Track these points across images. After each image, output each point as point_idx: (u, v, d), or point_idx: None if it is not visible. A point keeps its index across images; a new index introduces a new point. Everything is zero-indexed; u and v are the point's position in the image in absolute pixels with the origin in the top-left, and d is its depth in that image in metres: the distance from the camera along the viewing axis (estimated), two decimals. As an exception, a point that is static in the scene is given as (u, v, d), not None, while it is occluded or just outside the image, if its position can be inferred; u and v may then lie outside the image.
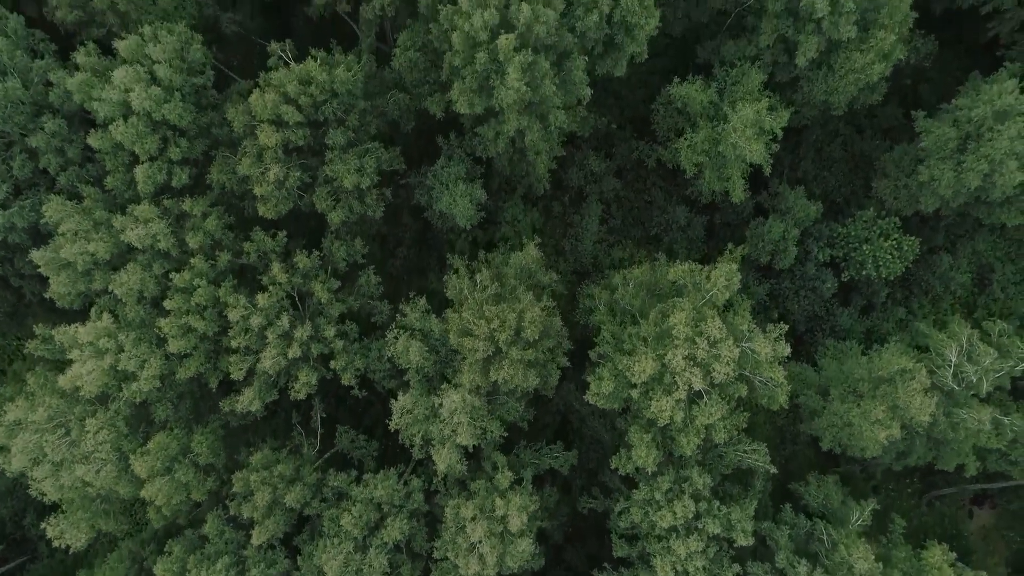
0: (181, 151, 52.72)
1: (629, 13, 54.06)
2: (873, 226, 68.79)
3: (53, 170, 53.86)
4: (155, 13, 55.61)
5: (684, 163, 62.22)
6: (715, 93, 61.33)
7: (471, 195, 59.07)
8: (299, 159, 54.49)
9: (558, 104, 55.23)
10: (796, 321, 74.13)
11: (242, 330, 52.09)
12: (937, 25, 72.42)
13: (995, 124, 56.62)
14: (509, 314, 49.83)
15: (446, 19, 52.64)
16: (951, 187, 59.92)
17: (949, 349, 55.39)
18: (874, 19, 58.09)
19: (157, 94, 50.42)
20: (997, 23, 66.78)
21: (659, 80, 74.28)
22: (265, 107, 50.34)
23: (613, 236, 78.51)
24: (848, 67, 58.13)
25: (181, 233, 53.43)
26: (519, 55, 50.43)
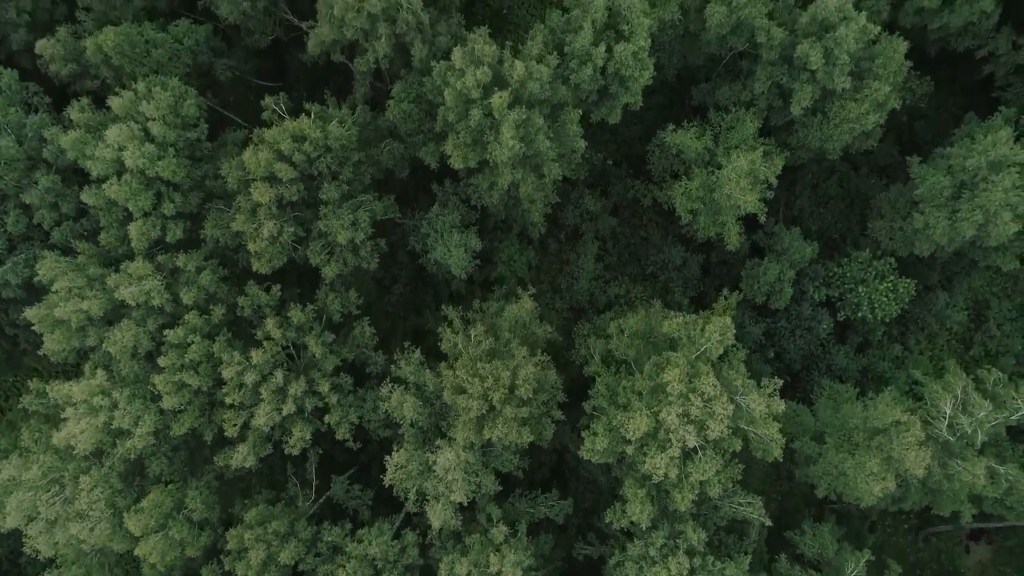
0: (175, 206, 52.73)
1: (623, 66, 54.06)
2: (869, 267, 68.75)
3: (47, 225, 53.89)
4: (149, 65, 55.58)
5: (679, 210, 62.18)
6: (710, 140, 61.27)
7: (466, 244, 59.05)
8: (293, 212, 54.49)
9: (552, 156, 55.24)
10: (792, 360, 74.15)
11: (236, 386, 52.08)
12: (932, 63, 72.35)
13: (990, 174, 56.57)
14: (503, 372, 49.80)
15: (439, 75, 52.66)
16: (946, 235, 59.90)
17: (944, 401, 55.34)
18: (868, 68, 58.09)
19: (151, 151, 50.42)
20: (992, 65, 66.72)
21: (655, 116, 74.31)
22: (259, 165, 50.33)
23: (609, 272, 78.47)
24: (843, 116, 58.12)
25: (175, 287, 53.41)
26: (513, 112, 50.47)
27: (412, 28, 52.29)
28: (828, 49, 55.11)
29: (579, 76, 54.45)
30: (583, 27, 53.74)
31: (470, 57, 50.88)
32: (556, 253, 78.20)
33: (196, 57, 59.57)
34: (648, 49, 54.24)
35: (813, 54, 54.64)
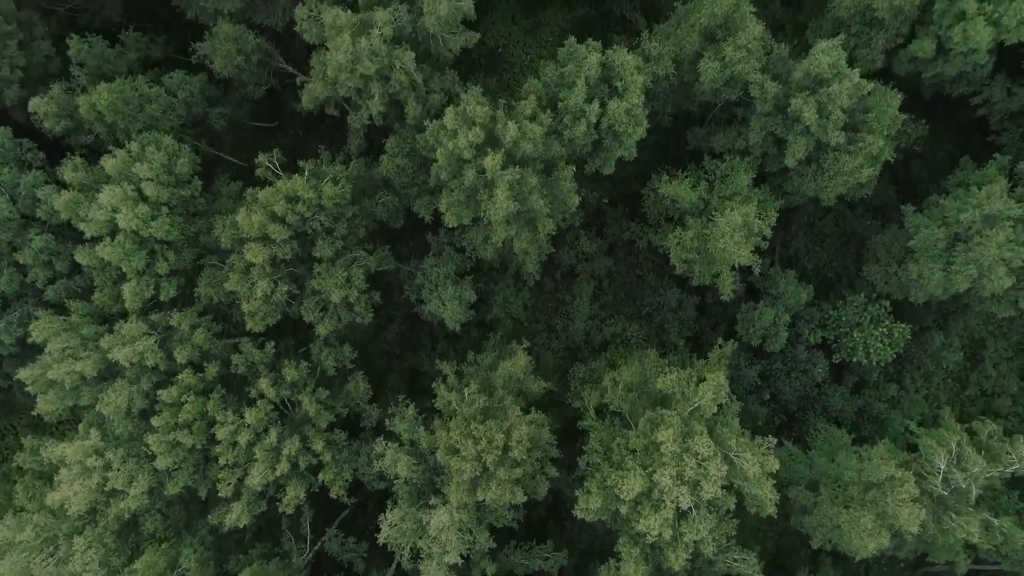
0: (169, 264, 52.72)
1: (617, 122, 54.03)
2: (864, 311, 68.73)
3: (41, 283, 53.86)
4: (143, 120, 55.52)
5: (673, 260, 62.18)
6: (704, 190, 61.21)
7: (460, 296, 59.07)
8: (287, 268, 54.46)
9: (547, 212, 55.21)
10: (788, 401, 74.15)
11: (230, 445, 52.07)
12: (928, 103, 72.35)
13: (984, 228, 56.56)
14: (497, 434, 49.80)
15: (431, 135, 52.63)
16: (940, 286, 59.92)
17: (938, 456, 55.34)
18: (862, 120, 58.07)
19: (144, 212, 50.42)
20: (987, 111, 66.68)
21: (651, 155, 74.23)
22: (252, 226, 50.32)
23: (605, 311, 78.39)
24: (837, 168, 58.10)
25: (169, 344, 53.42)
26: (507, 173, 50.44)
27: (406, 87, 52.26)
28: (822, 104, 55.10)
29: (573, 132, 54.44)
30: (576, 84, 53.74)
31: (463, 118, 50.85)
32: (552, 292, 78.16)
33: (190, 108, 59.54)
34: (642, 105, 54.24)
35: (807, 110, 54.63)
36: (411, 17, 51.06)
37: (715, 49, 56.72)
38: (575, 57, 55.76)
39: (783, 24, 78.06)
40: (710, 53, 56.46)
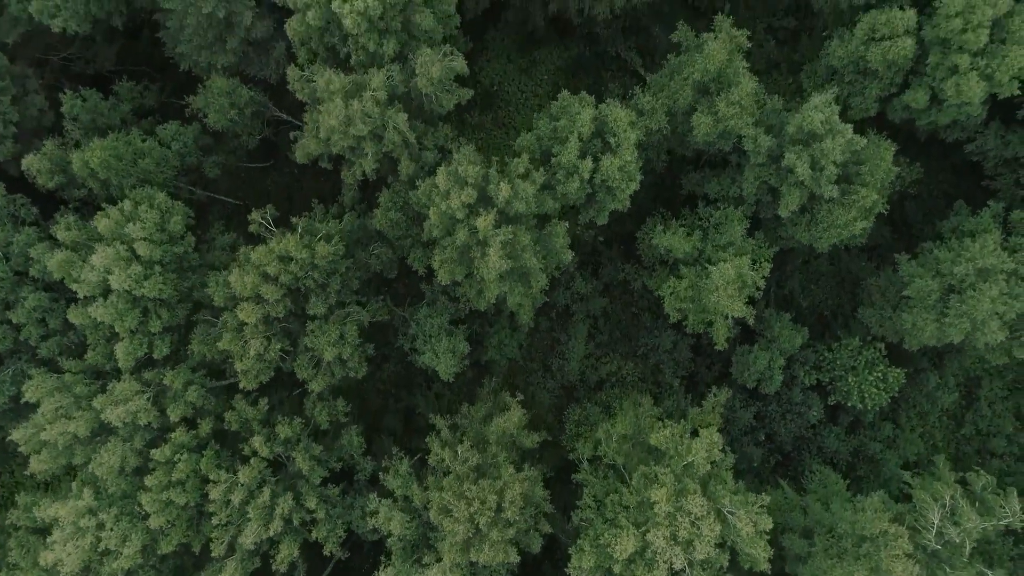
0: (162, 322, 52.72)
1: (610, 179, 54.05)
2: (859, 355, 68.75)
3: (34, 341, 53.82)
4: (136, 175, 55.55)
5: (667, 309, 62.18)
6: (698, 239, 61.17)
7: (454, 349, 59.06)
8: (280, 323, 54.45)
9: (540, 267, 55.21)
10: (783, 441, 74.14)
11: (224, 504, 52.06)
12: (923, 143, 72.46)
13: (977, 281, 56.58)
14: (490, 495, 49.80)
15: (424, 194, 52.64)
16: (934, 336, 59.95)
17: (931, 511, 55.32)
18: (856, 172, 58.09)
19: (137, 272, 50.41)
20: (981, 157, 66.69)
21: (645, 194, 74.29)
22: (245, 287, 50.31)
23: (600, 350, 78.37)
24: (830, 221, 58.11)
25: (162, 401, 53.42)
26: (500, 232, 50.43)
27: (399, 145, 52.27)
28: (815, 158, 55.15)
29: (566, 187, 54.47)
30: (569, 139, 53.75)
31: (455, 177, 50.87)
32: (547, 331, 78.14)
33: (184, 159, 59.58)
34: (635, 161, 54.27)
35: (800, 164, 54.67)
36: (404, 76, 51.07)
37: (708, 103, 56.79)
38: (568, 111, 55.79)
39: (778, 63, 78.28)
40: (703, 107, 56.53)
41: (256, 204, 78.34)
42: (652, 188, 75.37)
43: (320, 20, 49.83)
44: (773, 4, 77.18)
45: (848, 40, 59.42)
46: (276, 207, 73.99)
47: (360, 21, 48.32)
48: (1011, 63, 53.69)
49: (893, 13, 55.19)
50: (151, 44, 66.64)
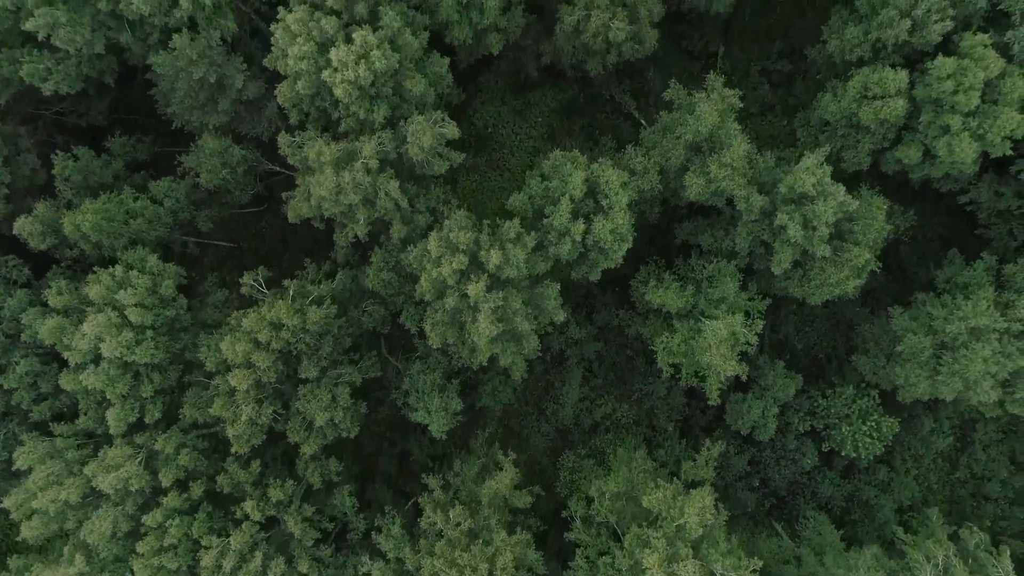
0: (154, 386, 52.71)
1: (602, 240, 54.03)
2: (853, 404, 68.74)
3: (26, 405, 53.81)
4: (128, 236, 55.52)
5: (660, 363, 62.19)
6: (691, 294, 61.10)
7: (446, 406, 59.04)
8: (273, 385, 54.43)
9: (532, 328, 55.20)
10: (777, 486, 74.14)
11: (215, 569, 52.04)
12: (917, 190, 72.40)
13: (970, 340, 56.55)
14: (481, 563, 49.78)
15: (416, 259, 52.62)
16: (927, 392, 59.97)
17: (924, 571, 55.33)
18: (848, 229, 58.05)
19: (128, 338, 50.39)
20: (975, 208, 66.65)
21: (638, 239, 74.16)
22: (236, 355, 50.29)
23: (595, 393, 78.35)
24: (823, 279, 58.09)
25: (154, 463, 53.41)
26: (491, 297, 50.42)
27: (391, 209, 52.25)
28: (807, 218, 55.10)
29: (558, 249, 54.47)
30: (561, 201, 53.70)
31: (446, 244, 50.84)
32: (541, 374, 78.09)
33: (177, 215, 59.53)
34: (628, 223, 54.27)
35: (792, 225, 54.65)
36: (395, 143, 51.03)
37: (701, 162, 56.76)
38: (560, 171, 55.75)
39: (772, 105, 78.17)
40: (696, 167, 56.51)
41: (250, 246, 78.82)
42: (645, 232, 75.36)
43: (310, 88, 49.82)
44: (767, 47, 77.14)
45: (841, 96, 59.38)
46: (269, 259, 74.34)
47: (351, 90, 48.31)
48: (1003, 125, 53.62)
49: (886, 73, 55.14)
50: (145, 86, 66.60)
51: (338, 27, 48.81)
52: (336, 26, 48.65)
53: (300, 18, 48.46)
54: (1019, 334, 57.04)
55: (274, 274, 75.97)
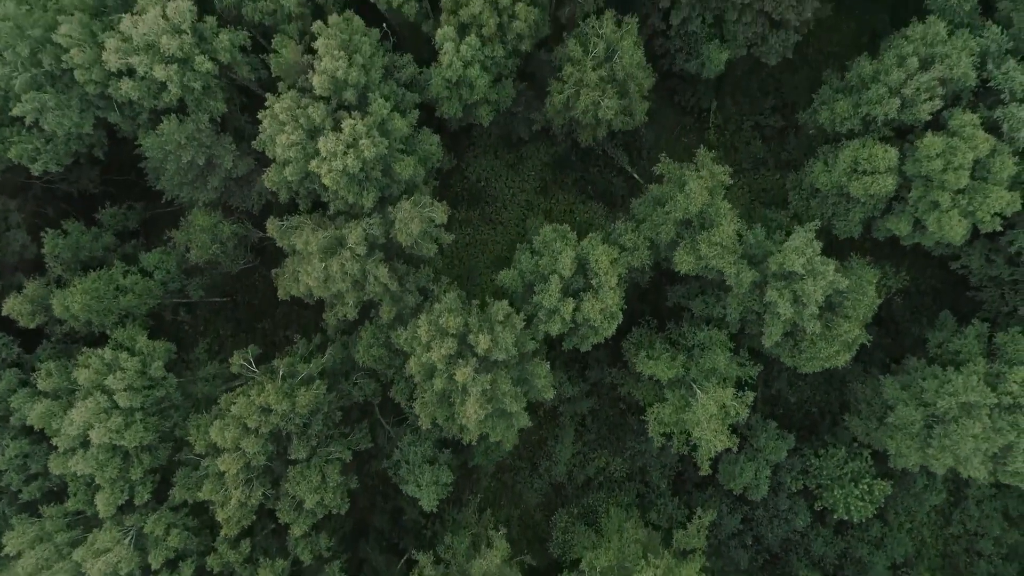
0: (143, 467, 52.70)
1: (592, 319, 54.03)
2: (845, 465, 68.71)
3: (16, 486, 53.81)
4: (116, 312, 55.50)
5: (652, 433, 62.14)
6: (682, 364, 61.05)
7: (437, 479, 58.99)
8: (263, 463, 54.38)
9: (522, 407, 55.17)
10: (771, 544, 74.12)
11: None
12: (910, 247, 72.24)
13: (961, 415, 56.50)
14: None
15: (406, 342, 52.61)
16: (918, 464, 59.94)
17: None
18: (839, 302, 58.00)
19: (117, 423, 50.42)
20: (967, 272, 66.54)
21: (630, 297, 74.18)
22: (226, 441, 50.29)
23: (588, 448, 78.30)
24: (813, 353, 58.07)
25: (144, 542, 53.39)
26: (480, 380, 50.41)
27: (380, 292, 52.23)
28: (797, 295, 55.08)
29: (548, 326, 54.51)
30: (551, 281, 53.69)
31: (436, 328, 50.82)
32: (535, 430, 77.96)
33: (167, 287, 59.53)
34: (617, 302, 54.28)
35: (782, 302, 54.63)
36: (384, 227, 51.01)
37: (691, 237, 56.70)
38: (550, 248, 55.72)
39: (765, 159, 78.08)
40: (686, 243, 56.46)
41: (243, 299, 78.65)
42: (636, 287, 75.44)
43: (298, 174, 49.80)
44: (760, 103, 77.07)
45: (832, 167, 59.33)
46: (262, 311, 74.25)
47: (339, 179, 48.29)
48: (993, 203, 53.57)
49: (876, 150, 55.07)
50: (135, 153, 66.65)
51: (326, 114, 48.79)
52: (324, 113, 48.64)
53: (287, 107, 48.45)
54: (1010, 407, 56.97)
55: (266, 330, 76.42)
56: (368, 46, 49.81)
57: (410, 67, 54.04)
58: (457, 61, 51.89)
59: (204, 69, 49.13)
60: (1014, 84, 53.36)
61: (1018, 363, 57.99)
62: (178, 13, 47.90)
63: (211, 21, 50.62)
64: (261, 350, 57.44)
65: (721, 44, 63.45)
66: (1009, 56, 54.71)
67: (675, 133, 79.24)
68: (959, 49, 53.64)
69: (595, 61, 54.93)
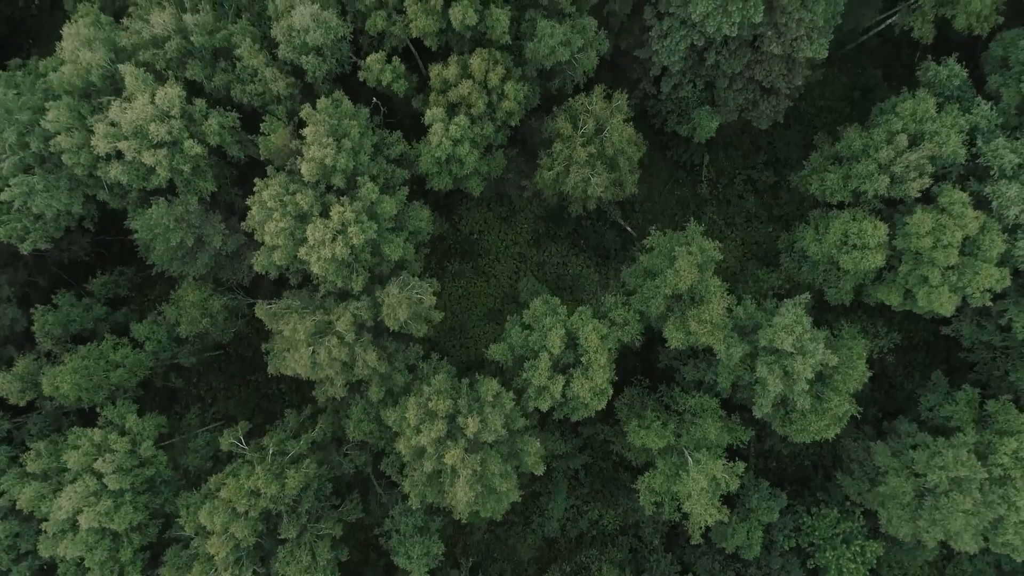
0: (133, 547, 52.69)
1: (582, 397, 54.06)
2: (837, 526, 68.67)
3: (5, 566, 53.75)
4: (106, 389, 55.47)
5: (643, 502, 62.13)
6: (673, 432, 61.01)
7: (428, 550, 58.97)
8: (253, 542, 54.36)
9: (513, 485, 55.16)
10: (764, 598, 74.10)
11: None
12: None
13: (951, 489, 56.50)
14: None
15: (395, 423, 52.60)
16: (909, 535, 59.93)
17: None
18: (830, 376, 57.96)
19: (107, 506, 50.40)
20: (959, 335, 66.52)
21: (621, 354, 74.25)
22: (215, 525, 50.26)
23: (581, 501, 78.31)
24: (803, 425, 58.07)
25: (135, 621, 53.42)
26: (470, 461, 50.42)
27: (369, 373, 52.21)
28: (787, 371, 55.08)
29: (538, 403, 54.53)
30: (541, 359, 53.68)
31: (425, 411, 50.82)
32: (528, 484, 77.95)
33: (158, 356, 59.51)
34: (607, 380, 54.28)
35: (771, 378, 54.64)
36: (373, 311, 51.00)
37: (681, 312, 56.68)
38: (542, 324, 55.69)
39: (758, 213, 78.05)
40: (675, 317, 56.44)
41: (235, 351, 78.42)
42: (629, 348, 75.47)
43: (287, 260, 49.79)
44: (752, 157, 77.13)
45: (823, 237, 59.33)
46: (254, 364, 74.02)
47: (327, 266, 48.29)
48: (982, 280, 53.58)
49: (865, 225, 55.05)
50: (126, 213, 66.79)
51: (314, 200, 48.78)
52: (312, 200, 48.61)
53: (276, 193, 48.45)
54: (1000, 479, 56.98)
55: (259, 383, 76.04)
56: (356, 129, 49.79)
57: (399, 144, 54.04)
58: (446, 141, 51.89)
59: (193, 153, 49.14)
60: (1003, 161, 53.35)
61: (1008, 434, 58.03)
62: (167, 100, 47.87)
63: (200, 104, 50.63)
64: (252, 425, 57.47)
65: (712, 110, 63.53)
66: (999, 132, 54.74)
67: (668, 186, 79.27)
68: (948, 127, 53.65)
69: (584, 138, 54.92)
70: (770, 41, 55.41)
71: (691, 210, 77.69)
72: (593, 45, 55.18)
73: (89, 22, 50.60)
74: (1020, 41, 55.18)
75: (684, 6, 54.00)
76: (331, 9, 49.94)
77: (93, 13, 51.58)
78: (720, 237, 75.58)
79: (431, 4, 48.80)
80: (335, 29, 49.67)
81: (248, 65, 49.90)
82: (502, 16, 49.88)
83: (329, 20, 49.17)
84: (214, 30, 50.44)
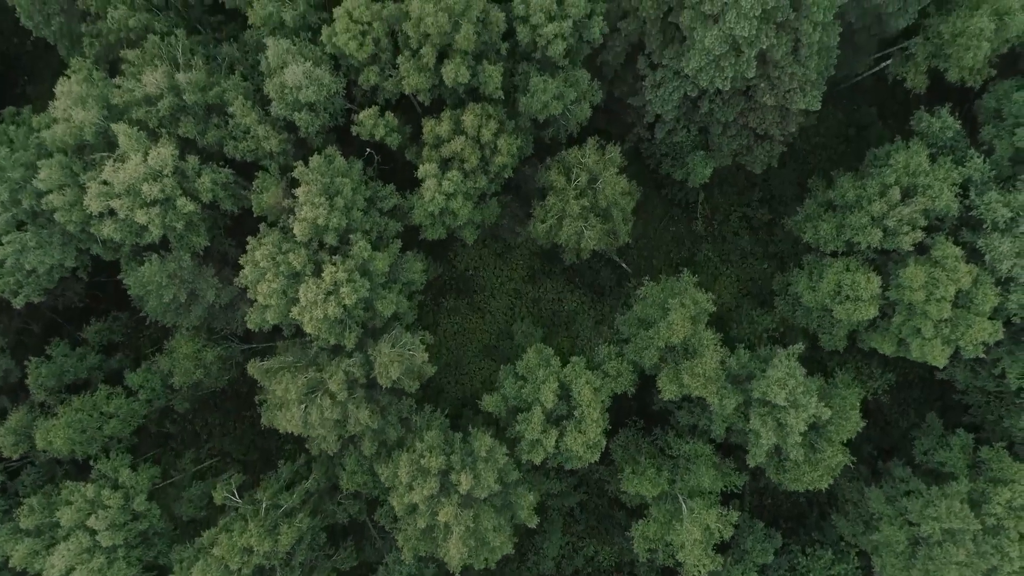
0: (127, 603, 52.68)
1: (576, 449, 54.10)
2: (832, 568, 68.72)
3: (-1, 621, 53.79)
4: (101, 441, 55.52)
5: (637, 549, 62.19)
6: (667, 481, 61.05)
7: (422, 598, 59.08)
8: (247, 593, 54.44)
9: (507, 537, 55.19)
10: (759, 638, 74.11)
11: None
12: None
13: (944, 540, 56.54)
14: None
15: (388, 479, 52.60)
16: (903, 582, 60.05)
17: None
18: (823, 423, 58.00)
19: (100, 563, 50.46)
20: (953, 380, 66.53)
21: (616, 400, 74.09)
22: (207, 583, 50.28)
23: (576, 538, 78.33)
24: (796, 475, 58.12)
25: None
26: (463, 517, 50.44)
27: (362, 429, 52.23)
28: (780, 422, 55.13)
29: (531, 456, 54.53)
30: (534, 412, 53.72)
31: (417, 468, 50.82)
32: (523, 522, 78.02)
33: (152, 404, 59.55)
34: (600, 434, 54.31)
35: (764, 431, 54.68)
36: (365, 369, 51.00)
37: (674, 363, 56.71)
38: (534, 375, 55.73)
39: (753, 250, 77.99)
40: (668, 371, 56.45)
41: (230, 388, 78.36)
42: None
43: (279, 318, 49.80)
44: (748, 194, 77.10)
45: (816, 285, 59.36)
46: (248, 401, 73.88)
47: (320, 325, 48.31)
48: (975, 334, 53.60)
49: (859, 277, 55.09)
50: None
51: (306, 259, 48.78)
52: (304, 259, 48.61)
53: (268, 253, 48.46)
54: (994, 529, 57.01)
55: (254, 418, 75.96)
56: (349, 186, 49.78)
57: (393, 198, 54.06)
58: (439, 196, 51.91)
59: (187, 210, 49.16)
60: (996, 215, 53.37)
61: (1002, 482, 58.05)
62: (159, 160, 47.89)
63: (193, 161, 50.64)
64: (246, 471, 57.53)
65: (706, 154, 63.54)
66: (992, 185, 54.78)
67: (663, 223, 79.23)
68: (941, 180, 53.68)
69: (578, 191, 54.96)
70: (764, 92, 55.42)
71: (686, 246, 77.68)
72: (587, 97, 55.20)
73: (82, 78, 50.60)
74: (1013, 94, 55.22)
75: (677, 59, 54.01)
76: (324, 66, 49.94)
77: (86, 68, 51.55)
78: (715, 274, 75.67)
79: (423, 61, 48.81)
80: (328, 86, 49.69)
81: (241, 123, 49.91)
82: (495, 73, 49.88)
83: (322, 77, 49.17)
84: (207, 87, 50.43)
